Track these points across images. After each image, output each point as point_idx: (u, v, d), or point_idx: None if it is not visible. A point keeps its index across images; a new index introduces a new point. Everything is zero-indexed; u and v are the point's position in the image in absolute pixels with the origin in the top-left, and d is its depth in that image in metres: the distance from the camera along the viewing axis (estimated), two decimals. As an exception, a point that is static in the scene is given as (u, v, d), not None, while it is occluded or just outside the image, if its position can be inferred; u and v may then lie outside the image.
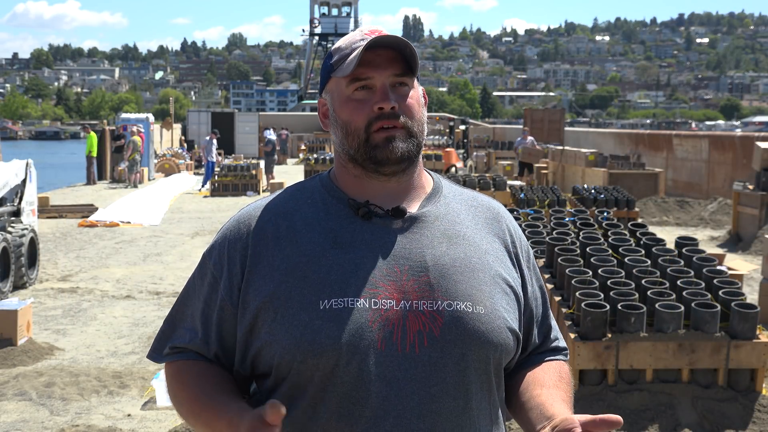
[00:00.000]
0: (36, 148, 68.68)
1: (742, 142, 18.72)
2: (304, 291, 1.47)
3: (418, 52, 1.59)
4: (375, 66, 1.52)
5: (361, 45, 1.52)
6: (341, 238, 1.51)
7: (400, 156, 1.52)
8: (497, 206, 1.69)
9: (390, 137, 1.52)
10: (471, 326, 1.48)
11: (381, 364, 1.43)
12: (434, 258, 1.51)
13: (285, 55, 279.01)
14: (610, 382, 4.48)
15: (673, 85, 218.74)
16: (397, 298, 1.46)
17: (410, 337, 1.45)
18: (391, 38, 1.53)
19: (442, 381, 1.46)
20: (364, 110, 1.53)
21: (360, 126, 1.53)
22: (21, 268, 9.27)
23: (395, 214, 1.54)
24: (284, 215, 1.56)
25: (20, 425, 5.31)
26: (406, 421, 1.43)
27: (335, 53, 1.58)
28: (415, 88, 1.58)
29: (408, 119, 1.54)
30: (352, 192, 1.57)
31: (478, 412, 1.51)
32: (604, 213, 6.46)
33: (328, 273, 1.47)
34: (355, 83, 1.53)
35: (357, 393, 1.43)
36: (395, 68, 1.54)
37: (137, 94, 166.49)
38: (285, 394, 1.48)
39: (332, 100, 1.59)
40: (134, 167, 23.78)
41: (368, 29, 1.58)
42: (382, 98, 1.52)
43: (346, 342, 1.43)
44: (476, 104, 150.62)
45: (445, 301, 1.48)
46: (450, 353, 1.46)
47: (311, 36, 69.99)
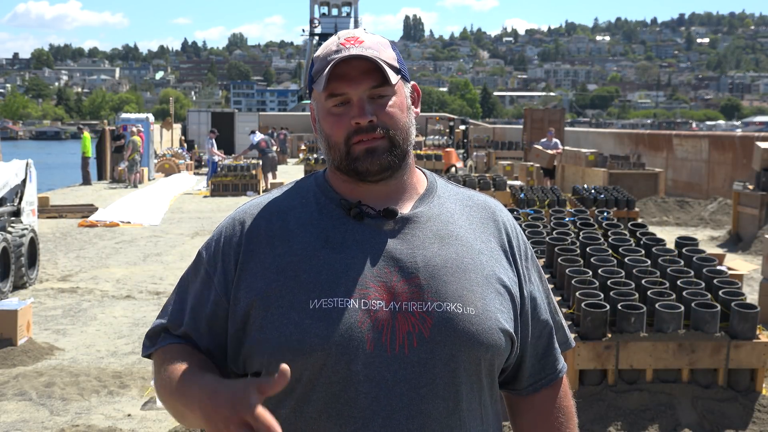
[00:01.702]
0: (36, 148, 68.72)
1: (742, 142, 18.72)
2: (295, 290, 1.47)
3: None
4: (350, 80, 1.51)
5: (335, 58, 1.51)
6: (333, 238, 1.51)
7: (380, 168, 1.52)
8: (494, 205, 1.68)
9: (370, 149, 1.51)
10: (461, 327, 1.47)
11: (370, 365, 1.43)
12: (425, 259, 1.51)
13: (285, 55, 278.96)
14: (610, 382, 4.48)
15: (673, 85, 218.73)
16: (386, 299, 1.46)
17: (399, 338, 1.44)
18: (358, 55, 1.51)
19: (432, 382, 1.45)
20: (343, 124, 1.52)
21: (339, 140, 1.53)
22: (21, 268, 9.27)
23: (387, 214, 1.53)
24: (278, 214, 1.57)
25: (20, 425, 5.31)
26: (394, 422, 1.43)
27: (315, 62, 1.57)
28: (397, 94, 1.55)
29: (389, 129, 1.53)
30: (344, 193, 1.57)
31: (468, 413, 1.50)
32: (604, 213, 6.46)
33: (319, 273, 1.48)
34: (333, 99, 1.53)
35: (345, 393, 1.43)
36: (371, 80, 1.52)
37: (138, 94, 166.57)
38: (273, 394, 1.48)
39: (317, 110, 1.59)
40: (134, 167, 23.77)
41: (345, 36, 1.56)
42: (358, 113, 1.50)
43: (335, 342, 1.42)
44: (477, 104, 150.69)
45: (435, 302, 1.47)
46: (440, 354, 1.46)
47: (311, 36, 69.98)
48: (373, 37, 1.57)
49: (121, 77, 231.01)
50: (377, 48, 1.54)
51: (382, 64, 1.51)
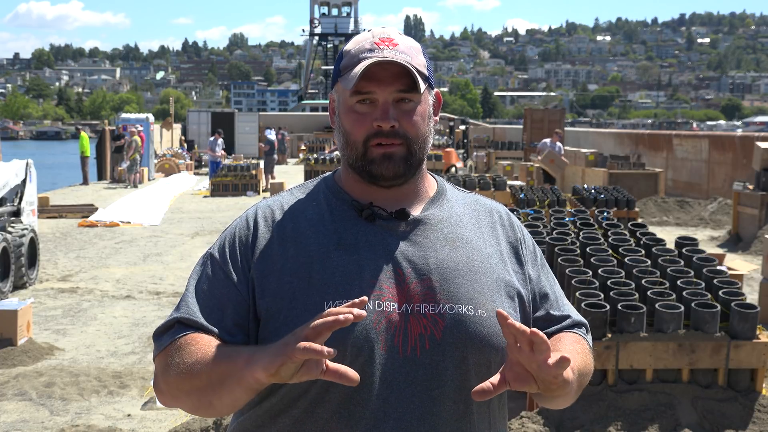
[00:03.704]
0: (37, 148, 68.70)
1: (742, 142, 18.71)
2: (309, 292, 1.46)
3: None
4: (379, 81, 1.50)
5: (368, 57, 1.50)
6: (345, 240, 1.51)
7: (394, 174, 1.52)
8: (501, 209, 1.69)
9: (387, 154, 1.51)
10: (472, 330, 1.48)
11: (383, 367, 1.43)
12: (437, 261, 1.51)
13: (286, 55, 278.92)
14: (610, 382, 4.48)
15: (674, 85, 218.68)
16: (399, 301, 1.46)
17: (411, 340, 1.45)
18: (394, 60, 1.50)
19: (443, 384, 1.46)
20: (365, 124, 1.52)
21: (358, 139, 1.52)
22: (21, 268, 9.27)
23: (398, 216, 1.54)
24: (290, 216, 1.56)
25: (20, 425, 5.30)
26: (406, 424, 1.43)
27: (344, 56, 1.56)
28: (421, 102, 1.55)
29: (409, 136, 1.52)
30: (355, 194, 1.57)
31: (478, 417, 1.51)
32: (604, 213, 6.45)
33: (333, 274, 1.47)
34: (358, 95, 1.52)
35: (358, 395, 1.43)
36: (400, 84, 1.51)
37: (138, 94, 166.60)
38: (287, 394, 1.48)
39: (338, 104, 1.58)
40: (134, 167, 23.78)
41: (380, 36, 1.55)
42: (381, 116, 1.50)
43: (351, 343, 1.43)
44: (477, 104, 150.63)
45: (447, 305, 1.48)
46: (451, 356, 1.46)
47: (311, 36, 70.02)
48: (406, 40, 1.56)
49: (121, 77, 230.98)
50: (410, 53, 1.54)
51: (414, 71, 1.50)
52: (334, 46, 69.06)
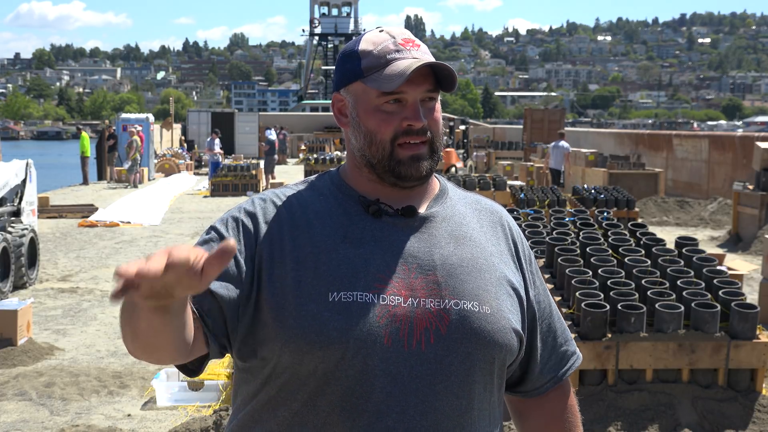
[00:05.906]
0: (37, 148, 68.75)
1: (742, 142, 18.71)
2: (314, 282, 1.46)
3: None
4: (410, 81, 1.51)
5: (398, 57, 1.52)
6: (351, 234, 1.52)
7: (425, 175, 1.55)
8: (500, 210, 1.71)
9: (416, 156, 1.53)
10: (477, 325, 1.49)
11: (386, 360, 1.43)
12: (442, 257, 1.53)
13: (287, 55, 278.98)
14: (610, 382, 4.48)
15: (674, 85, 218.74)
16: (405, 295, 1.47)
17: (417, 334, 1.45)
18: (434, 63, 1.52)
19: (447, 379, 1.46)
20: (392, 123, 1.52)
21: (386, 138, 1.53)
22: (21, 268, 9.27)
23: (405, 213, 1.55)
24: (299, 205, 1.56)
25: (20, 425, 5.31)
26: (408, 417, 1.44)
27: (364, 57, 1.55)
28: (437, 101, 1.59)
29: (433, 135, 1.55)
30: (362, 191, 1.58)
31: (479, 413, 1.52)
32: (604, 213, 6.45)
33: (338, 266, 1.48)
34: (389, 95, 1.52)
35: (360, 387, 1.43)
36: (428, 84, 1.54)
37: (139, 94, 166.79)
38: (285, 385, 1.47)
39: (356, 103, 1.57)
40: (134, 167, 23.79)
41: (401, 37, 1.56)
42: (414, 116, 1.52)
43: (354, 336, 1.43)
44: (478, 104, 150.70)
45: (452, 300, 1.49)
46: (456, 352, 1.47)
47: (311, 36, 70.09)
48: (419, 41, 1.60)
49: (122, 77, 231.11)
50: (428, 53, 1.57)
51: (452, 70, 1.53)
52: (334, 46, 69.11)
